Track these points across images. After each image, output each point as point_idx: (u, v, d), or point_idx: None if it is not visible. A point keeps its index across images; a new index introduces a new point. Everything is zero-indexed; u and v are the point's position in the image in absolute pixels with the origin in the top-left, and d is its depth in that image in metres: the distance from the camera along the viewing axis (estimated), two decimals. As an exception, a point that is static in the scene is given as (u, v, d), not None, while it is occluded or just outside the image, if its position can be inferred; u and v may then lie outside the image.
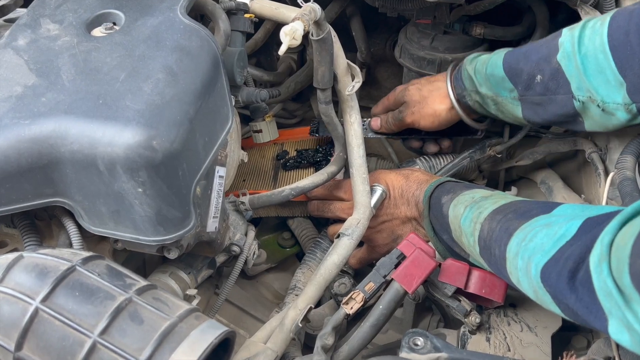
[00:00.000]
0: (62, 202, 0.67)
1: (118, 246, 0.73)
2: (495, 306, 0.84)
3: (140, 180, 0.63)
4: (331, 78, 0.90)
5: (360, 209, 0.93)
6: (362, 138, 0.95)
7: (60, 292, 0.52)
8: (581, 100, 0.85)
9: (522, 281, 0.69)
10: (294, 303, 0.86)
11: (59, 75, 0.68)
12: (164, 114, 0.64)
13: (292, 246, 1.19)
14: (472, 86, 0.99)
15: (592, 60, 0.82)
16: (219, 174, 0.79)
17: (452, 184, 0.93)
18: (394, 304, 0.79)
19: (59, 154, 0.63)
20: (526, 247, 0.68)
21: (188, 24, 0.72)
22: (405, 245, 0.82)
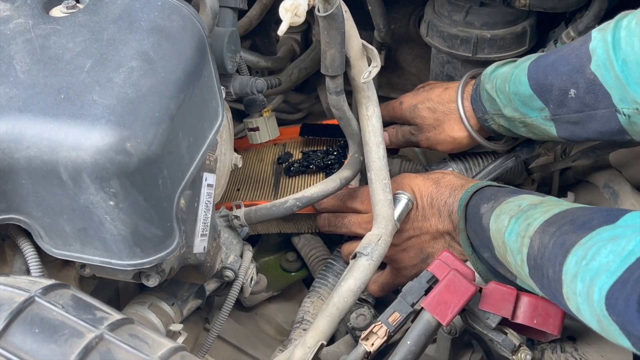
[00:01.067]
0: (16, 220, 0.68)
1: (85, 272, 0.74)
2: (549, 339, 0.84)
3: (112, 191, 0.63)
4: (343, 63, 0.90)
5: (382, 223, 0.93)
6: (381, 135, 0.95)
7: (17, 329, 0.52)
8: (627, 114, 0.86)
9: (583, 309, 0.69)
10: (302, 339, 0.86)
11: (11, 66, 0.68)
12: (139, 110, 0.65)
13: (298, 270, 1.20)
14: (495, 109, 1.01)
15: (633, 66, 0.83)
16: (208, 182, 0.79)
17: (494, 190, 0.93)
18: (425, 338, 0.79)
19: (12, 161, 0.64)
20: (587, 267, 0.68)
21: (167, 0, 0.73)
22: (437, 266, 0.82)
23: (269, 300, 1.18)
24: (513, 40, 1.13)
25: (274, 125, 1.05)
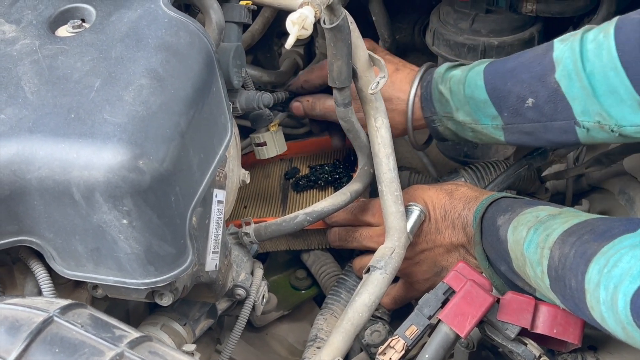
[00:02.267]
0: (28, 242, 0.69)
1: (98, 293, 0.75)
2: (570, 349, 0.85)
3: (125, 209, 0.64)
4: (350, 74, 0.92)
5: (394, 235, 0.94)
6: (392, 147, 0.96)
7: (37, 350, 0.54)
8: (587, 127, 0.89)
9: (607, 317, 0.70)
10: (317, 357, 0.87)
11: (19, 87, 0.70)
12: (150, 127, 0.66)
13: (309, 287, 1.20)
14: (446, 111, 1.02)
15: (600, 79, 0.86)
16: (218, 198, 0.81)
17: (510, 201, 0.94)
18: (444, 351, 0.80)
19: (24, 183, 0.65)
20: (610, 275, 0.69)
21: (174, 16, 0.75)
22: (453, 277, 0.84)
23: (280, 320, 1.19)
24: (521, 46, 1.15)
25: (282, 140, 1.06)
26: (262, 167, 1.26)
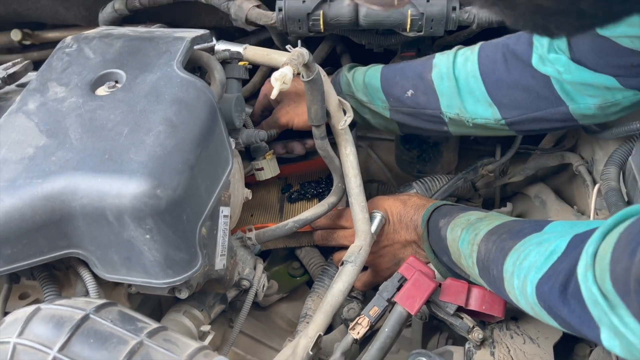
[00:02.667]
0: (76, 253, 0.68)
1: (132, 290, 0.74)
2: (497, 320, 0.84)
3: (148, 227, 0.64)
4: (324, 115, 0.91)
5: (362, 236, 0.93)
6: (358, 169, 0.96)
7: (76, 340, 0.53)
8: (449, 116, 0.92)
9: (520, 299, 0.69)
10: (305, 331, 0.86)
11: (67, 135, 0.69)
12: (166, 163, 0.66)
13: (302, 275, 1.19)
14: (349, 91, 1.01)
15: (463, 82, 0.90)
16: (224, 213, 0.80)
17: (448, 207, 0.93)
18: (399, 326, 0.79)
19: (70, 209, 0.65)
20: (521, 266, 0.68)
21: (184, 77, 0.74)
22: (405, 268, 0.82)
23: (280, 301, 1.17)
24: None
25: (275, 165, 1.05)
26: (264, 184, 1.25)
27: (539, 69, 0.84)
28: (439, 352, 0.87)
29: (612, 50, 0.76)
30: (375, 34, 1.04)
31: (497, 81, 0.88)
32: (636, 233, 0.49)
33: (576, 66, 0.80)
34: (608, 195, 0.81)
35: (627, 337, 0.50)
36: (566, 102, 0.84)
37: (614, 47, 0.75)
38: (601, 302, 0.52)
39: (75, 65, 0.79)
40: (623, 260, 0.49)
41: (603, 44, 0.76)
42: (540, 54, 0.84)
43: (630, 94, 0.80)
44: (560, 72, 0.82)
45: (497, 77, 0.88)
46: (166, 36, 0.81)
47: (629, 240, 0.49)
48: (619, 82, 0.78)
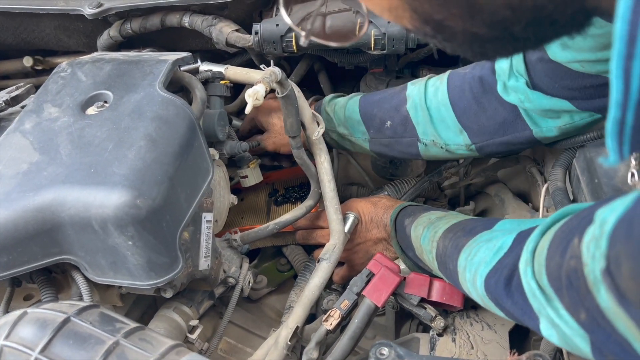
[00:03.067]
0: (68, 259, 0.66)
1: (122, 291, 0.72)
2: (457, 310, 0.81)
3: (130, 234, 0.61)
4: (299, 127, 0.89)
5: (336, 235, 0.91)
6: (332, 174, 0.93)
7: (57, 342, 0.51)
8: (425, 143, 0.90)
9: (471, 291, 0.67)
10: (286, 323, 0.84)
11: (58, 151, 0.67)
12: (145, 175, 0.63)
13: (289, 270, 1.16)
14: (331, 126, 0.99)
15: (435, 111, 0.87)
16: (206, 219, 0.77)
17: (413, 208, 0.91)
18: (368, 317, 0.77)
19: (59, 219, 0.63)
20: (472, 262, 0.66)
21: (165, 96, 0.72)
22: (373, 264, 0.80)
23: (270, 294, 1.14)
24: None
25: (258, 173, 1.03)
26: (254, 190, 1.22)
27: (504, 97, 0.82)
28: (407, 339, 0.85)
29: (565, 74, 0.73)
30: (345, 53, 1.01)
31: (465, 109, 0.85)
32: (568, 232, 0.47)
33: (534, 92, 0.78)
34: (555, 195, 0.78)
35: (561, 327, 0.48)
36: (530, 127, 0.82)
37: (566, 71, 0.73)
38: (539, 296, 0.50)
39: (69, 87, 0.76)
40: (556, 257, 0.47)
41: (556, 69, 0.74)
42: (504, 81, 0.81)
43: (586, 115, 0.77)
44: (521, 100, 0.80)
45: (465, 105, 0.85)
46: (151, 59, 0.79)
47: (562, 239, 0.47)
48: (573, 105, 0.76)
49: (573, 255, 0.43)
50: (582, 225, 0.43)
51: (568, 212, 0.52)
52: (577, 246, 0.42)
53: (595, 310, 0.41)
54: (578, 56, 0.70)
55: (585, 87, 0.73)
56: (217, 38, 0.95)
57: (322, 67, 1.18)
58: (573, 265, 0.43)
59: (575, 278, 0.43)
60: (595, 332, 0.43)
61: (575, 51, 0.70)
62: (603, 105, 0.74)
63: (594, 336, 0.44)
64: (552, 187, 0.80)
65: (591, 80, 0.72)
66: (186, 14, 0.96)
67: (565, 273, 0.44)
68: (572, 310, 0.45)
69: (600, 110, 0.75)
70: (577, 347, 0.47)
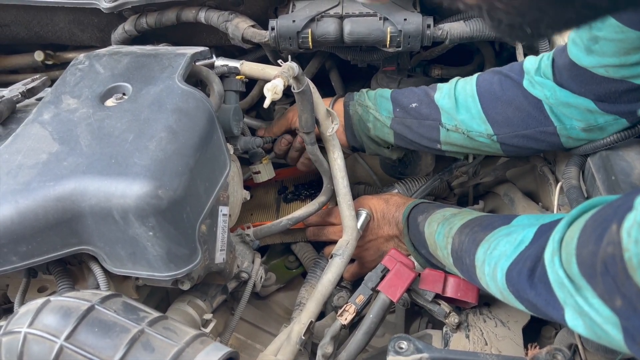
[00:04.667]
0: (87, 250, 0.66)
1: (139, 282, 0.72)
2: (471, 306, 0.81)
3: (150, 225, 0.61)
4: (313, 122, 0.88)
5: (349, 231, 0.90)
6: (345, 171, 0.93)
7: (82, 330, 0.50)
8: (447, 128, 0.91)
9: (490, 284, 0.67)
10: (298, 318, 0.83)
11: (77, 142, 0.67)
12: (167, 166, 0.63)
13: (297, 267, 1.16)
14: (360, 98, 1.00)
15: (462, 101, 0.89)
16: (223, 212, 0.77)
17: (426, 205, 0.91)
18: (383, 312, 0.77)
19: (80, 209, 0.62)
20: (491, 255, 0.66)
21: (185, 89, 0.72)
22: (388, 260, 0.80)
23: (278, 291, 1.14)
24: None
25: (271, 169, 1.03)
26: (263, 186, 1.22)
27: (530, 91, 0.84)
28: (419, 335, 0.84)
29: (591, 79, 0.75)
30: (359, 51, 1.01)
31: (492, 100, 0.87)
32: (602, 220, 0.47)
33: (560, 89, 0.79)
34: (569, 193, 0.78)
35: (591, 316, 0.48)
36: (554, 123, 0.82)
37: (592, 76, 0.75)
38: (567, 284, 0.50)
39: (87, 79, 0.76)
40: (589, 244, 0.47)
41: (582, 74, 0.76)
42: (530, 79, 0.84)
43: (611, 119, 0.78)
44: (547, 96, 0.81)
45: (493, 96, 0.87)
46: (169, 53, 0.79)
47: (595, 227, 0.47)
48: (597, 106, 0.77)
49: (611, 242, 0.43)
50: (620, 212, 0.43)
51: (595, 203, 0.53)
52: (616, 232, 0.42)
53: (634, 295, 0.41)
54: (602, 61, 0.72)
55: (611, 91, 0.74)
56: (233, 33, 0.95)
57: (334, 65, 1.18)
58: (610, 251, 0.43)
59: (612, 264, 0.43)
60: (632, 318, 0.43)
61: (600, 56, 0.72)
62: (627, 110, 0.75)
63: (629, 323, 0.44)
64: (566, 186, 0.80)
65: (616, 85, 0.73)
66: (202, 9, 0.96)
67: (601, 260, 0.44)
68: (606, 297, 0.45)
69: (625, 115, 0.76)
70: (608, 335, 0.47)
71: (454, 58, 1.12)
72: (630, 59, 0.68)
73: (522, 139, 0.85)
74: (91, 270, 0.69)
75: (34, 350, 0.49)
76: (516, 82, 0.85)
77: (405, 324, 0.98)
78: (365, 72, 1.24)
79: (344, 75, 1.22)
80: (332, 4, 0.93)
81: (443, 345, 0.78)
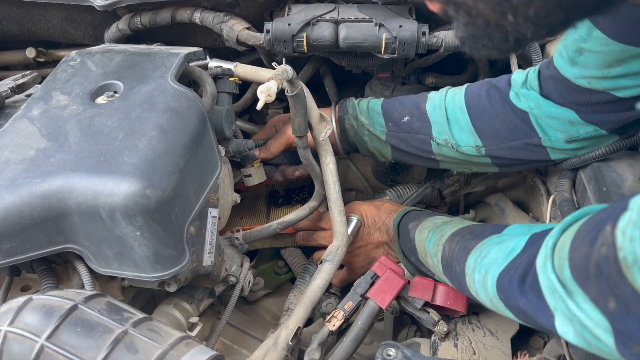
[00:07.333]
0: (72, 248, 0.64)
1: (125, 283, 0.70)
2: (460, 315, 0.81)
3: (138, 224, 0.60)
4: (306, 127, 0.88)
5: (339, 237, 0.90)
6: (337, 176, 0.93)
7: (64, 329, 0.49)
8: (438, 142, 0.91)
9: (480, 292, 0.67)
10: (286, 323, 0.82)
11: (66, 139, 0.66)
12: (156, 166, 0.62)
13: (286, 273, 1.15)
14: (354, 113, 1.00)
15: (451, 112, 0.90)
16: (212, 214, 0.76)
17: (417, 212, 0.91)
18: (371, 319, 0.76)
19: (66, 206, 0.61)
20: (482, 262, 0.66)
21: (177, 88, 0.71)
22: (377, 266, 0.80)
23: (266, 296, 1.13)
24: (426, 106, 1.11)
25: (262, 172, 1.02)
26: (254, 190, 1.21)
27: (515, 103, 0.85)
28: (407, 343, 0.84)
29: (574, 90, 0.77)
30: (353, 56, 1.01)
31: (480, 112, 0.88)
32: (594, 225, 0.47)
33: (544, 100, 0.81)
34: (562, 205, 0.79)
35: (582, 321, 0.48)
36: (539, 134, 0.84)
37: (575, 88, 0.76)
38: (559, 289, 0.50)
39: (78, 76, 0.75)
40: (582, 248, 0.47)
41: (566, 84, 0.77)
42: (516, 92, 0.85)
43: (592, 130, 0.79)
44: (531, 107, 0.83)
45: (480, 108, 0.88)
46: (162, 52, 0.78)
47: (589, 231, 0.47)
48: (579, 116, 0.78)
49: (604, 243, 0.43)
50: (614, 214, 0.43)
51: (588, 211, 0.53)
52: (610, 233, 0.42)
53: (628, 295, 0.41)
54: (585, 72, 0.74)
55: (592, 102, 0.76)
56: (227, 35, 0.95)
57: (328, 70, 1.18)
58: (604, 252, 0.43)
59: (605, 266, 0.43)
60: (624, 320, 0.43)
61: (583, 68, 0.74)
62: (606, 120, 0.77)
63: (622, 325, 0.44)
64: (559, 198, 0.80)
65: (597, 96, 0.75)
66: (197, 10, 0.96)
67: (595, 262, 0.44)
68: (599, 300, 0.45)
69: (604, 125, 0.77)
70: (599, 341, 0.47)
71: (448, 67, 1.12)
72: (612, 72, 0.70)
73: (509, 150, 0.86)
74: (76, 270, 0.68)
75: (14, 349, 0.48)
76: (503, 94, 0.87)
77: (393, 332, 0.97)
78: (360, 78, 1.24)
79: (338, 80, 1.22)
80: (328, 9, 0.93)
81: (431, 353, 0.78)
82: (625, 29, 0.66)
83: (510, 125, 0.85)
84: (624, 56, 0.68)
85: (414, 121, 0.93)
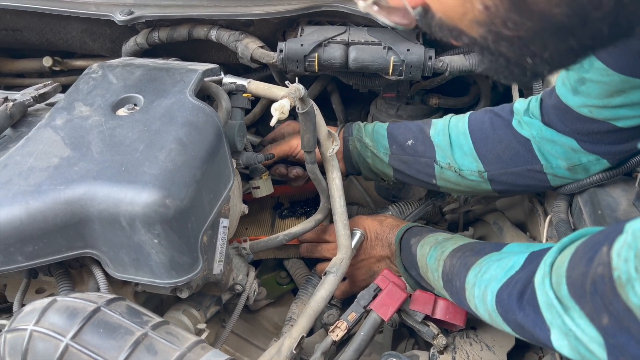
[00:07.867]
0: (91, 253, 0.67)
1: (138, 288, 0.73)
2: (458, 329, 0.84)
3: (156, 232, 0.63)
4: (315, 142, 0.91)
5: (343, 250, 0.92)
6: (342, 190, 0.96)
7: (88, 330, 0.52)
8: (441, 166, 0.93)
9: (479, 306, 0.69)
10: (289, 333, 0.84)
11: (89, 148, 0.68)
12: (175, 177, 0.65)
13: (288, 283, 1.18)
14: (359, 134, 1.02)
15: (455, 139, 0.92)
16: (223, 224, 0.79)
17: (419, 228, 0.93)
18: (373, 330, 0.79)
19: (88, 213, 0.64)
20: (482, 278, 0.68)
21: (195, 103, 0.74)
22: (380, 279, 0.82)
23: (268, 306, 1.15)
24: (429, 126, 1.14)
25: (270, 185, 1.05)
26: (259, 202, 1.24)
27: (518, 130, 0.87)
28: (407, 355, 0.86)
29: (575, 119, 0.79)
30: (361, 76, 1.05)
31: (483, 138, 0.90)
32: (592, 245, 0.50)
33: (546, 128, 0.83)
34: (558, 226, 0.82)
35: (577, 335, 0.51)
36: (541, 161, 0.86)
37: (576, 116, 0.78)
38: (556, 305, 0.53)
39: (100, 88, 0.78)
40: (580, 267, 0.50)
41: (567, 113, 0.79)
42: (519, 119, 0.88)
43: (593, 159, 0.81)
44: (534, 135, 0.85)
45: (484, 134, 0.90)
46: (181, 67, 0.81)
47: (586, 251, 0.50)
48: (580, 145, 0.80)
49: (601, 263, 0.46)
50: (611, 236, 0.47)
51: (586, 233, 0.56)
52: (606, 254, 0.46)
53: (621, 312, 0.44)
54: (587, 101, 0.76)
55: (593, 132, 0.78)
56: (242, 53, 0.99)
57: (335, 88, 1.22)
58: (600, 271, 0.46)
59: (601, 284, 0.46)
60: (617, 335, 0.46)
61: (585, 97, 0.76)
62: (607, 151, 0.79)
63: (614, 340, 0.46)
64: (555, 219, 0.83)
65: (598, 125, 0.77)
66: (214, 27, 1.00)
67: (591, 280, 0.47)
68: (593, 316, 0.48)
69: (606, 156, 0.80)
70: (592, 354, 0.50)
71: (452, 89, 1.16)
72: (612, 101, 0.72)
73: (511, 176, 0.89)
74: (92, 274, 0.71)
75: (39, 348, 0.50)
76: (506, 122, 0.89)
77: (392, 345, 1.00)
78: (366, 96, 1.28)
79: (344, 98, 1.26)
80: (339, 31, 0.97)
81: (430, 366, 0.80)
82: (626, 61, 0.68)
83: (512, 152, 0.87)
84: (624, 87, 0.70)
85: (418, 144, 0.95)
